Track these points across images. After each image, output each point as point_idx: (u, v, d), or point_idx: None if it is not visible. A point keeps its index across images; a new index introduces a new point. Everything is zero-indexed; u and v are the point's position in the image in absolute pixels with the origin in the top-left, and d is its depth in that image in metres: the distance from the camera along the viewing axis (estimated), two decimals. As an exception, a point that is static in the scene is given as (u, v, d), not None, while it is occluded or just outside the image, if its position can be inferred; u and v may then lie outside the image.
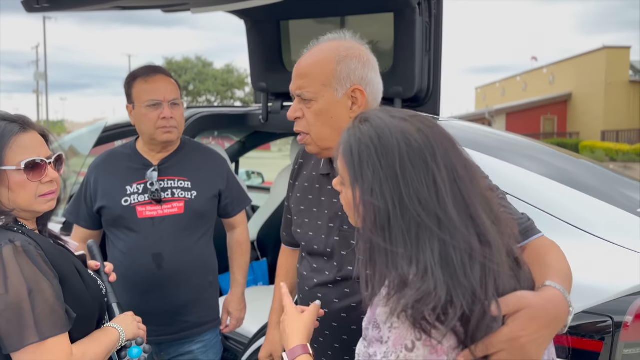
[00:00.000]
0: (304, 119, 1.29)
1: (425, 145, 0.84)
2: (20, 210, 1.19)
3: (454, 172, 0.84)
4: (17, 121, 1.20)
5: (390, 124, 0.87)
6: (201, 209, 1.88)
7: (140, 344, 1.27)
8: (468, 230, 0.81)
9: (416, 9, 2.09)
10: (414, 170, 0.82)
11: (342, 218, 1.33)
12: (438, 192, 0.81)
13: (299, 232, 1.44)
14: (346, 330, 1.32)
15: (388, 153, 0.83)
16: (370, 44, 1.76)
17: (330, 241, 1.35)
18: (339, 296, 1.33)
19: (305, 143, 1.33)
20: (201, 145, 2.08)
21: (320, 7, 2.37)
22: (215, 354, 2.00)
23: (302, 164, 1.50)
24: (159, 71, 1.88)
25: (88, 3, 1.65)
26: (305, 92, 1.27)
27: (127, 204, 1.82)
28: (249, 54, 2.68)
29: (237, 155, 3.85)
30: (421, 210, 0.80)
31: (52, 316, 1.08)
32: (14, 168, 1.16)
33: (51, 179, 1.22)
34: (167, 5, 2.15)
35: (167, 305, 1.83)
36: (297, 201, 1.47)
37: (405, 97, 2.24)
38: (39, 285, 1.08)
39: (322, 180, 1.41)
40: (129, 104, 1.89)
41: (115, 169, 1.89)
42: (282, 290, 1.17)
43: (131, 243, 1.81)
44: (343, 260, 1.34)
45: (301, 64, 1.31)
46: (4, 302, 1.06)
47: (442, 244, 0.79)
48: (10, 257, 1.07)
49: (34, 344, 1.06)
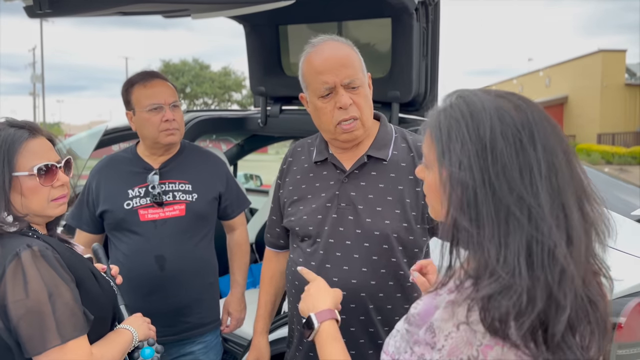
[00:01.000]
0: (353, 105, 1.37)
1: (523, 123, 0.76)
2: (34, 215, 1.20)
3: (553, 156, 0.76)
4: (25, 127, 1.21)
5: (484, 98, 0.80)
6: (202, 211, 1.91)
7: (152, 344, 1.29)
8: (558, 223, 0.73)
9: (413, 14, 2.12)
10: (506, 148, 0.74)
11: (339, 197, 1.41)
12: (531, 175, 0.74)
13: (292, 219, 1.47)
14: (346, 309, 1.35)
15: (479, 127, 0.76)
16: (367, 49, 1.78)
17: (328, 219, 1.40)
18: (339, 275, 1.38)
19: (354, 128, 1.38)
20: (201, 149, 2.10)
21: (318, 12, 2.40)
22: (216, 354, 2.02)
23: (292, 162, 1.55)
24: (156, 76, 1.91)
25: (90, 9, 1.66)
26: (355, 80, 1.36)
27: (129, 207, 1.84)
28: (247, 58, 2.70)
29: (236, 158, 3.87)
30: (508, 192, 0.73)
31: (72, 319, 1.09)
32: (26, 174, 1.17)
33: (62, 183, 1.23)
34: (168, 11, 2.17)
35: (169, 306, 1.85)
36: (290, 194, 1.50)
37: (402, 101, 2.26)
38: (58, 288, 1.09)
39: (315, 169, 1.48)
40: (129, 110, 1.91)
41: (117, 173, 1.91)
42: (302, 271, 1.22)
43: (134, 245, 1.83)
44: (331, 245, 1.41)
45: (335, 56, 1.37)
46: (25, 307, 1.06)
47: (528, 232, 0.72)
48: (29, 262, 1.08)
49: (56, 347, 1.07)
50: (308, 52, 1.41)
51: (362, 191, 1.40)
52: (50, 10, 1.67)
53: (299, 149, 1.57)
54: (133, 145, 2.00)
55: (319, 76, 1.36)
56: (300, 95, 1.48)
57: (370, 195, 1.39)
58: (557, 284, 0.72)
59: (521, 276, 0.71)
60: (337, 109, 1.36)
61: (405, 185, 1.40)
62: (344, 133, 1.38)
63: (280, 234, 1.60)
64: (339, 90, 1.35)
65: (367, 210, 1.38)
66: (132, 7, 1.77)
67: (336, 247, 1.39)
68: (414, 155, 1.43)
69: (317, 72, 1.36)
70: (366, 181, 1.41)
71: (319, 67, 1.36)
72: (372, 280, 1.36)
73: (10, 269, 1.08)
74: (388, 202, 1.38)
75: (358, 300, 1.37)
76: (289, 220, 1.49)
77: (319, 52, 1.37)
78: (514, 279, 0.71)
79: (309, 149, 1.53)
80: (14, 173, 1.16)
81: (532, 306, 0.70)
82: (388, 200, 1.38)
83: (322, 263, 1.39)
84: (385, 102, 2.31)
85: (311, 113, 1.45)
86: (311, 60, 1.38)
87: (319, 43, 1.40)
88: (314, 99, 1.39)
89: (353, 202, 1.39)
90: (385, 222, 1.36)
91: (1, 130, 1.18)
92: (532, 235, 0.72)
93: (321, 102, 1.38)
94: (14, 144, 1.17)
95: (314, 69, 1.37)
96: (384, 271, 1.37)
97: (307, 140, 1.58)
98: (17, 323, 1.06)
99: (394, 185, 1.40)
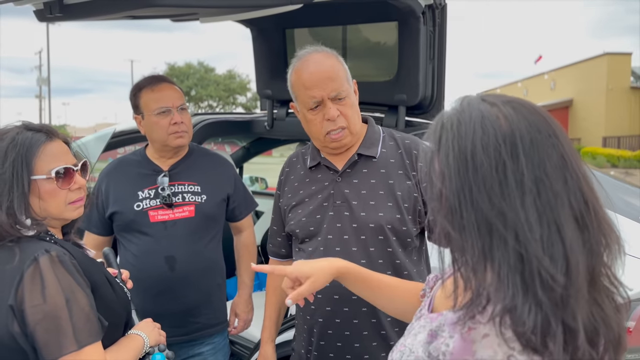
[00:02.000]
0: (340, 116, 1.44)
1: (505, 135, 0.74)
2: (51, 219, 1.21)
3: (541, 169, 0.73)
4: (42, 130, 1.22)
5: (476, 107, 0.79)
6: (211, 212, 1.93)
7: (163, 350, 1.29)
8: (549, 238, 0.70)
9: (420, 18, 2.12)
10: (485, 160, 0.73)
11: (334, 195, 1.47)
12: (510, 189, 0.72)
13: (292, 223, 1.53)
14: (348, 301, 1.41)
15: (463, 138, 0.76)
16: (373, 52, 1.80)
17: (326, 217, 1.46)
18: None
19: (342, 137, 1.46)
20: (209, 151, 2.12)
21: (325, 16, 2.41)
22: (224, 356, 2.03)
23: (288, 172, 1.63)
24: (163, 79, 1.94)
25: (101, 13, 1.68)
26: (341, 92, 1.44)
27: (139, 209, 1.86)
28: (254, 61, 2.72)
29: (242, 160, 3.88)
30: (489, 206, 0.72)
31: (87, 325, 1.10)
32: (44, 177, 1.18)
33: (79, 186, 1.24)
34: (176, 15, 2.19)
35: (178, 306, 1.87)
36: (289, 200, 1.57)
37: (409, 104, 2.27)
38: (75, 294, 1.10)
39: (311, 174, 1.55)
40: (137, 114, 1.93)
41: (127, 175, 1.93)
42: (256, 268, 1.22)
43: (144, 246, 1.85)
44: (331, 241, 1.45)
45: (320, 71, 1.43)
46: (42, 312, 1.06)
47: (514, 248, 0.70)
48: (47, 267, 1.09)
49: (73, 353, 1.07)
50: (295, 64, 1.48)
51: (355, 188, 1.47)
52: (60, 14, 1.68)
53: (294, 159, 1.65)
54: (142, 148, 2.02)
55: (307, 91, 1.43)
56: (291, 104, 1.56)
57: (363, 191, 1.46)
58: (560, 304, 0.70)
59: (519, 296, 0.69)
60: (325, 120, 1.44)
61: (395, 179, 1.47)
62: (333, 142, 1.46)
63: (282, 243, 1.65)
64: (326, 103, 1.43)
65: (361, 205, 1.45)
66: (141, 10, 1.79)
67: (335, 243, 1.45)
68: (402, 151, 1.51)
69: (304, 86, 1.44)
70: (358, 178, 1.48)
71: (306, 81, 1.43)
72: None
73: (28, 273, 1.08)
74: (380, 196, 1.45)
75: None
76: (290, 225, 1.54)
77: (305, 66, 1.45)
78: (514, 300, 0.69)
79: (304, 157, 1.61)
80: (32, 176, 1.17)
81: (548, 325, 0.68)
82: (380, 194, 1.45)
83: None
84: (391, 105, 2.31)
85: (302, 122, 1.53)
86: (299, 73, 1.46)
87: (304, 55, 1.47)
88: (304, 111, 1.48)
89: (347, 198, 1.46)
90: (379, 215, 1.43)
91: (18, 133, 1.18)
92: (520, 252, 0.70)
93: (310, 115, 1.46)
94: (32, 148, 1.17)
95: (301, 83, 1.45)
96: (382, 261, 1.43)
97: (301, 150, 1.66)
98: (34, 328, 1.06)
99: (384, 180, 1.47)
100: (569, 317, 0.70)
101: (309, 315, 1.50)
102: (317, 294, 1.46)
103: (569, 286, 0.70)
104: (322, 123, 1.45)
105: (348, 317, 1.44)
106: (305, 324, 1.52)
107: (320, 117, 1.44)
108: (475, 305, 0.73)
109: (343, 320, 1.44)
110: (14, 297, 1.07)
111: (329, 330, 1.46)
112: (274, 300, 1.68)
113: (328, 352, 1.47)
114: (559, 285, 0.69)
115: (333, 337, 1.46)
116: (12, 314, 1.07)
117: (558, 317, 0.69)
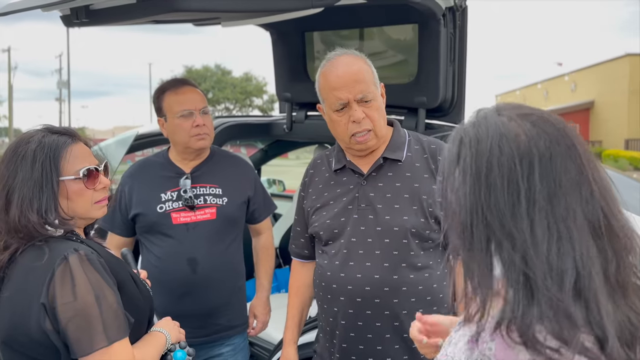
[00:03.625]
0: (366, 118, 1.45)
1: (522, 154, 0.74)
2: (78, 219, 1.24)
3: (556, 181, 0.73)
4: (66, 133, 1.26)
5: (494, 122, 0.78)
6: (232, 214, 1.95)
7: (184, 347, 1.32)
8: (559, 257, 0.71)
9: (441, 20, 2.11)
10: (499, 182, 0.74)
11: (359, 199, 1.48)
12: (519, 209, 0.73)
13: (316, 225, 1.54)
14: (371, 304, 1.43)
15: (480, 156, 0.76)
16: (393, 54, 1.79)
17: (350, 220, 1.47)
18: (362, 271, 1.44)
19: (368, 140, 1.47)
20: (230, 154, 2.15)
21: (344, 19, 2.42)
22: (243, 357, 2.05)
23: (313, 174, 1.64)
24: (187, 83, 1.98)
25: (126, 18, 1.71)
26: (367, 94, 1.45)
27: (162, 211, 1.89)
28: (274, 64, 2.73)
29: (260, 163, 3.91)
30: (499, 226, 0.73)
31: (116, 321, 1.13)
32: (72, 177, 1.21)
33: (104, 186, 1.27)
34: (199, 19, 2.22)
35: (200, 308, 1.89)
36: (313, 202, 1.58)
37: (429, 107, 2.26)
38: (103, 291, 1.13)
39: (336, 177, 1.56)
40: (160, 117, 1.96)
41: (150, 177, 1.96)
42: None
43: (167, 248, 1.88)
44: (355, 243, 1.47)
45: (348, 73, 1.44)
46: (74, 309, 1.10)
47: (519, 267, 0.71)
48: (77, 265, 1.12)
49: (103, 349, 1.10)
50: (323, 66, 1.50)
51: (380, 191, 1.48)
52: (87, 20, 1.72)
53: (319, 161, 1.65)
54: (165, 150, 2.05)
55: (334, 92, 1.45)
56: (318, 105, 1.58)
57: (388, 195, 1.47)
58: (567, 318, 0.70)
59: (529, 313, 0.70)
60: (351, 122, 1.45)
61: (420, 183, 1.47)
62: (358, 144, 1.47)
63: (305, 244, 1.65)
64: (352, 105, 1.44)
65: (386, 208, 1.45)
66: (165, 15, 1.82)
67: (358, 246, 1.45)
68: (428, 156, 1.52)
69: (331, 88, 1.45)
70: (383, 182, 1.49)
71: (333, 83, 1.45)
72: (394, 275, 1.42)
73: (58, 272, 1.11)
74: (405, 200, 1.45)
75: (382, 294, 1.42)
76: (313, 227, 1.55)
77: (333, 68, 1.46)
78: (524, 318, 0.70)
79: (329, 160, 1.62)
80: (60, 177, 1.20)
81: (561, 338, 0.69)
82: (405, 197, 1.46)
83: (346, 261, 1.45)
84: (411, 108, 2.31)
85: (328, 123, 1.54)
86: (326, 75, 1.48)
87: (333, 58, 1.49)
88: (330, 112, 1.49)
89: (372, 202, 1.47)
90: (404, 218, 1.44)
91: (44, 137, 1.22)
92: (527, 274, 0.71)
93: (336, 116, 1.47)
94: (59, 150, 1.21)
95: (328, 84, 1.46)
96: (404, 265, 1.43)
97: (325, 152, 1.67)
98: (65, 325, 1.09)
99: (409, 183, 1.47)
100: (592, 328, 0.70)
101: (332, 317, 1.51)
102: (340, 296, 1.46)
103: (579, 300, 0.70)
104: (347, 124, 1.46)
105: (370, 320, 1.44)
106: (328, 326, 1.53)
107: (346, 118, 1.46)
108: (482, 319, 0.75)
109: (365, 323, 1.44)
110: (45, 295, 1.10)
111: (351, 333, 1.46)
112: (296, 302, 1.68)
113: (350, 354, 1.47)
114: (566, 303, 0.70)
115: (355, 340, 1.46)
116: (45, 312, 1.10)
117: (570, 330, 0.69)
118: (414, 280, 1.43)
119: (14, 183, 1.17)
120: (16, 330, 1.13)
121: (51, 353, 1.12)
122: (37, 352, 1.13)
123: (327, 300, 1.50)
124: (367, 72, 1.47)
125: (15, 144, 1.22)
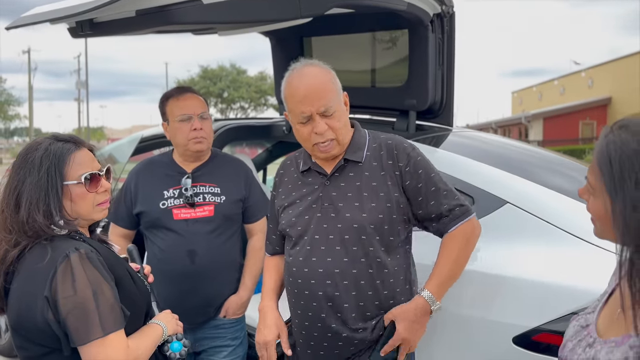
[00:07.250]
0: (329, 129, 1.52)
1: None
2: (81, 219, 1.36)
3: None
4: (70, 140, 1.37)
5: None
6: (228, 212, 2.08)
7: (180, 339, 1.42)
8: None
9: (429, 26, 2.20)
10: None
11: (322, 198, 1.57)
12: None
13: (283, 223, 1.63)
14: (332, 297, 1.51)
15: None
16: (385, 58, 1.84)
17: (314, 218, 1.56)
18: (323, 266, 1.52)
19: (331, 149, 1.55)
20: (229, 156, 2.27)
21: (340, 25, 2.51)
22: (242, 347, 2.17)
23: (283, 174, 1.73)
24: (189, 90, 2.13)
25: (127, 30, 1.83)
26: (329, 108, 1.51)
27: (164, 207, 2.04)
28: (273, 68, 2.85)
29: (265, 162, 4.01)
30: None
31: (112, 314, 1.24)
32: (75, 182, 1.32)
33: (105, 189, 1.38)
34: (197, 30, 2.34)
35: (199, 297, 2.03)
36: (282, 201, 1.67)
37: (419, 109, 2.35)
38: (101, 287, 1.24)
39: (302, 177, 1.65)
40: (164, 121, 2.12)
41: (154, 175, 2.11)
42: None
43: (169, 241, 2.03)
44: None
45: (311, 86, 1.51)
46: (73, 302, 1.21)
47: None
48: (77, 263, 1.23)
49: (99, 339, 1.21)
50: (288, 77, 1.56)
51: (342, 191, 1.57)
52: (90, 32, 1.85)
53: (288, 162, 1.74)
54: (169, 151, 2.20)
55: (298, 105, 1.51)
56: (284, 112, 1.64)
57: (349, 194, 1.55)
58: None
59: None
60: (314, 133, 1.52)
61: (377, 181, 1.55)
62: (321, 152, 1.55)
63: (277, 241, 1.74)
64: (315, 117, 1.51)
65: (347, 206, 1.54)
66: (165, 27, 1.94)
67: (321, 242, 1.54)
68: (384, 152, 1.59)
69: (295, 101, 1.52)
70: (345, 182, 1.58)
71: (297, 96, 1.51)
72: (353, 269, 1.51)
73: (60, 269, 1.22)
74: (364, 198, 1.54)
75: (342, 287, 1.51)
76: (281, 224, 1.65)
77: (297, 81, 1.53)
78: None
79: (297, 161, 1.70)
80: (64, 182, 1.31)
81: None
82: (364, 195, 1.54)
83: (309, 257, 1.55)
84: (402, 110, 2.40)
85: (294, 131, 1.61)
86: (291, 87, 1.54)
87: (297, 69, 1.55)
88: (295, 122, 1.56)
89: (334, 201, 1.56)
90: (363, 215, 1.52)
91: (51, 144, 1.33)
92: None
93: (300, 127, 1.54)
94: (63, 157, 1.32)
95: (292, 97, 1.53)
96: (363, 260, 1.51)
97: (295, 154, 1.75)
98: (65, 316, 1.21)
99: (368, 182, 1.55)
100: None
101: (300, 310, 1.59)
102: (305, 290, 1.55)
103: None
104: (310, 135, 1.53)
105: (332, 312, 1.52)
106: (297, 319, 1.61)
107: (309, 129, 1.53)
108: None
109: (328, 315, 1.52)
110: (48, 289, 1.22)
111: (318, 324, 1.54)
112: (273, 273, 1.73)
113: (317, 347, 1.56)
114: None
115: (320, 332, 1.55)
116: (47, 304, 1.22)
117: None
118: (372, 275, 1.51)
119: (23, 187, 1.29)
120: (23, 318, 1.25)
121: (53, 340, 1.24)
122: (41, 339, 1.25)
123: (294, 294, 1.59)
124: (330, 84, 1.53)
125: (25, 151, 1.34)
